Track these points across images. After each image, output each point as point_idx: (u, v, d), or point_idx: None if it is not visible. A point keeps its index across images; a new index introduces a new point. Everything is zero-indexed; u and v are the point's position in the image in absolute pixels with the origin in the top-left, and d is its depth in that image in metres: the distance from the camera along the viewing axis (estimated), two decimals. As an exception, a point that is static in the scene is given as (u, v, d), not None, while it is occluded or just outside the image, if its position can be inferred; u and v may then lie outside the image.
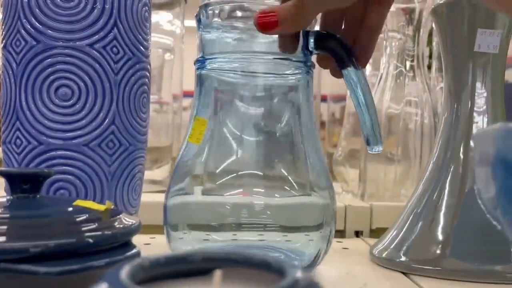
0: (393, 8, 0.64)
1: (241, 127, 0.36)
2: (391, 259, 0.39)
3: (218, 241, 0.35)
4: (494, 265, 0.36)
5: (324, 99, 0.93)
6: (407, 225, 0.40)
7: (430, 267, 0.37)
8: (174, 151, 0.83)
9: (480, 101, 0.38)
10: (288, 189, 0.36)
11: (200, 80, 0.36)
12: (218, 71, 0.36)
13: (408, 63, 0.63)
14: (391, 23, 0.64)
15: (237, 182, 0.36)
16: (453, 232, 0.38)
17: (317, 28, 0.37)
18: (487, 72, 0.38)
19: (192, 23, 0.42)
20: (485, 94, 0.38)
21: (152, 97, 0.55)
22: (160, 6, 0.73)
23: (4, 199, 0.24)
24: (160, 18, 0.75)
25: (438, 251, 0.37)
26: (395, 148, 0.65)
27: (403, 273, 0.37)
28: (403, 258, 0.38)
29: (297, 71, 0.36)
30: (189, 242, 0.35)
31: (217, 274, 0.14)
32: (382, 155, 0.66)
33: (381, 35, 0.66)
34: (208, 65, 0.36)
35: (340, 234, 0.51)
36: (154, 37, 0.47)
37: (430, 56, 0.73)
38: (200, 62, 0.36)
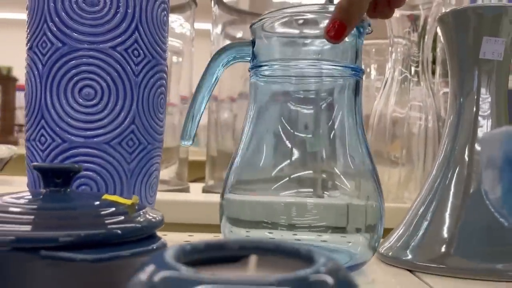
0: (398, 14, 0.66)
1: (293, 129, 0.39)
2: (397, 257, 0.40)
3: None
4: (497, 264, 0.37)
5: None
6: (413, 225, 0.41)
7: (435, 265, 0.38)
8: (181, 152, 0.85)
9: (485, 106, 0.40)
10: (340, 190, 0.39)
11: (254, 87, 0.40)
12: (273, 77, 0.40)
13: (413, 69, 0.65)
14: (397, 29, 0.65)
15: (284, 184, 0.38)
16: (457, 231, 0.39)
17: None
18: (492, 79, 0.40)
19: (202, 25, 0.44)
20: (489, 99, 0.40)
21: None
22: (171, 9, 0.75)
23: (39, 192, 0.26)
24: (170, 20, 0.77)
25: (442, 250, 0.39)
26: (399, 151, 0.66)
27: (409, 270, 0.39)
28: (409, 256, 0.40)
29: (346, 74, 0.39)
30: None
31: (252, 260, 0.16)
32: (387, 158, 0.68)
33: (387, 41, 0.68)
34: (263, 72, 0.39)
35: (342, 231, 0.53)
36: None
37: (434, 62, 0.74)
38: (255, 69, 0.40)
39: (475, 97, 0.40)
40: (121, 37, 0.35)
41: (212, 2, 0.76)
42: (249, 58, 0.40)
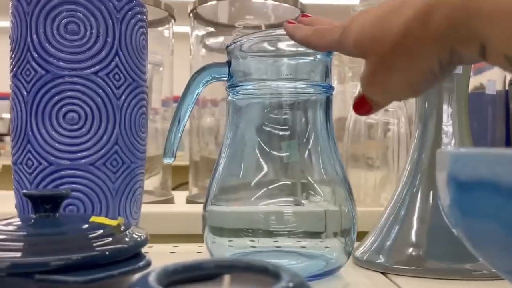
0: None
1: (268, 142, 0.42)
2: (371, 261, 0.43)
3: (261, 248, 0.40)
4: (463, 264, 0.40)
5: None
6: (385, 229, 0.44)
7: (406, 267, 0.41)
8: (164, 161, 0.86)
9: (447, 117, 0.43)
10: (309, 198, 0.41)
11: (232, 105, 0.42)
12: (248, 95, 0.42)
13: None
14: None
15: (267, 193, 0.40)
16: (426, 235, 0.42)
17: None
18: (453, 91, 0.43)
19: (181, 29, 0.46)
20: (451, 111, 0.43)
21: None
22: (150, 24, 0.77)
23: (29, 218, 0.27)
24: (149, 35, 0.79)
25: (413, 252, 0.41)
26: (374, 155, 0.69)
27: (382, 273, 0.41)
28: (382, 260, 0.42)
29: (317, 91, 0.41)
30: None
31: (226, 278, 0.18)
32: (363, 162, 0.71)
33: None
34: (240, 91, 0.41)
35: (319, 236, 0.55)
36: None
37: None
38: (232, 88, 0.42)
39: (438, 110, 0.43)
40: (102, 63, 0.37)
41: (190, 14, 0.78)
42: (226, 78, 0.42)
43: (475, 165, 0.20)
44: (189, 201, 0.78)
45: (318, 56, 0.41)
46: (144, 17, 0.41)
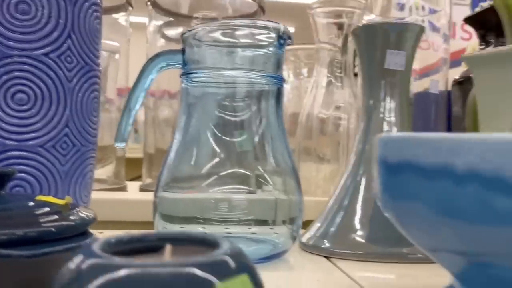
0: (325, 21, 0.71)
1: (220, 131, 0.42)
2: (316, 246, 0.45)
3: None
4: (401, 248, 0.43)
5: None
6: (330, 216, 0.46)
7: (349, 251, 0.43)
8: (118, 151, 0.85)
9: (390, 112, 0.45)
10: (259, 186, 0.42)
11: (186, 92, 0.43)
12: (202, 83, 0.42)
13: (337, 72, 0.70)
14: (323, 35, 0.71)
15: (218, 181, 0.41)
16: (368, 221, 0.44)
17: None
18: (396, 86, 0.45)
19: (138, 19, 0.46)
20: (394, 106, 0.45)
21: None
22: (107, 10, 0.76)
23: (-27, 195, 0.27)
24: (105, 21, 0.77)
25: (356, 238, 0.44)
26: (326, 148, 0.72)
27: (326, 257, 0.44)
28: (326, 245, 0.44)
29: (269, 82, 0.43)
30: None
31: (167, 249, 0.19)
32: (314, 155, 0.73)
33: (314, 46, 0.73)
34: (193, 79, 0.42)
35: (268, 223, 0.57)
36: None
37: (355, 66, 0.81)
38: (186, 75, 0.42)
39: (382, 103, 0.45)
40: (54, 44, 0.37)
41: (147, 3, 0.77)
42: (181, 65, 0.43)
43: (400, 147, 0.21)
44: (142, 189, 0.77)
45: (271, 49, 0.42)
46: (99, 0, 0.41)
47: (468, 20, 0.71)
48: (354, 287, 0.34)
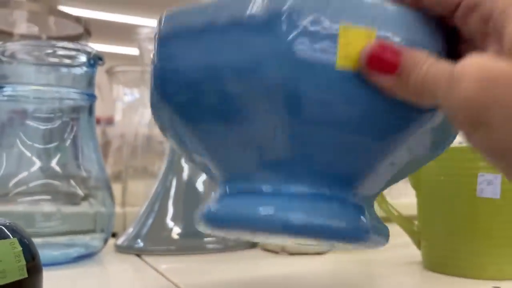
0: (150, 47, 0.77)
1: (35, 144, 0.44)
2: (130, 246, 0.49)
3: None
4: (201, 239, 0.49)
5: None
6: (142, 219, 0.51)
7: (163, 247, 0.49)
8: None
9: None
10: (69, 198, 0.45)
11: None
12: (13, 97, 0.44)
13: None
14: (148, 59, 0.77)
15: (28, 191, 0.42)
16: (177, 220, 0.51)
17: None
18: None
19: None
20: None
21: None
22: None
23: None
24: None
25: (167, 234, 0.50)
26: (152, 165, 0.77)
27: (137, 255, 0.48)
28: (140, 244, 0.49)
29: (81, 98, 0.46)
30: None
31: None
32: (142, 171, 0.78)
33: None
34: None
35: (84, 232, 0.60)
36: None
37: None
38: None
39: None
40: None
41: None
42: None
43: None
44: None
45: (85, 68, 0.47)
46: None
47: None
48: (159, 278, 0.39)
